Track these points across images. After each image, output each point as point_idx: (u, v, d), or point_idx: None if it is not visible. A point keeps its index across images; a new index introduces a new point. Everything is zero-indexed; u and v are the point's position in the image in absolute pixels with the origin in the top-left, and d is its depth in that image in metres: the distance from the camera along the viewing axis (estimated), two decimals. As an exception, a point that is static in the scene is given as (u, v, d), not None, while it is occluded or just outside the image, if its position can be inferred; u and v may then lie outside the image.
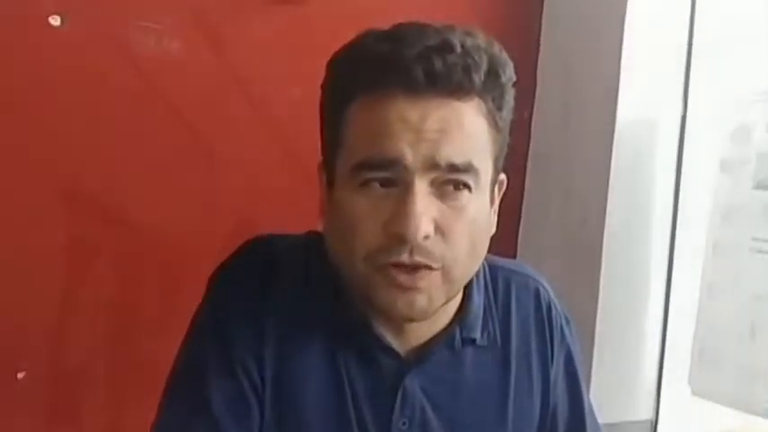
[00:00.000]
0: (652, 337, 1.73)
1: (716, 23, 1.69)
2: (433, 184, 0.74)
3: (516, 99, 0.82)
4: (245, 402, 0.79)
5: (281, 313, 0.81)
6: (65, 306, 1.26)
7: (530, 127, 1.77)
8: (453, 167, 0.74)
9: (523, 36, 1.74)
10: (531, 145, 1.78)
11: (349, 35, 0.79)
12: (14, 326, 1.23)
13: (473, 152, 0.75)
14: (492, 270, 0.90)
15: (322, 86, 0.81)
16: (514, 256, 1.80)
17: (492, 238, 0.83)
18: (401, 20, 0.77)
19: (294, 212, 0.98)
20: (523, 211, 1.82)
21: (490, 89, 0.76)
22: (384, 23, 0.78)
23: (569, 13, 1.75)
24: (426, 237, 0.73)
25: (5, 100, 1.20)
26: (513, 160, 0.83)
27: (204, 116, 1.37)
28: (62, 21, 1.21)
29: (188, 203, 1.36)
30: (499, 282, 0.90)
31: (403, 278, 0.74)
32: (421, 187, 0.73)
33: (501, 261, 0.93)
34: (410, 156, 0.72)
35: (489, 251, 0.85)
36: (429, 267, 0.75)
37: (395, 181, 0.74)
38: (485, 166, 0.77)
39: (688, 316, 1.63)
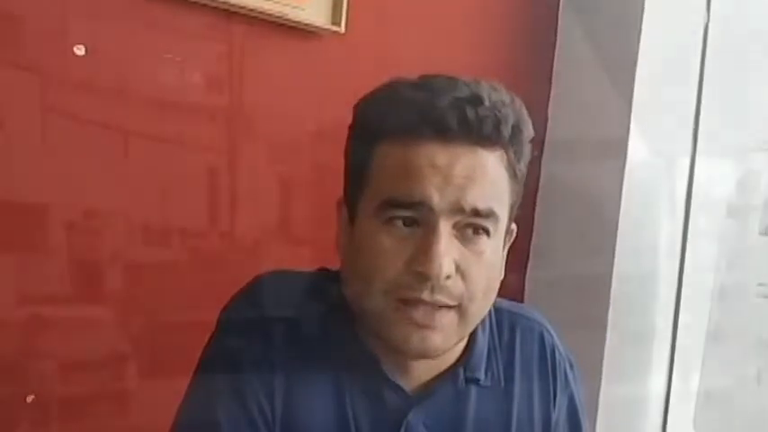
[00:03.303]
0: (658, 380, 1.72)
1: (726, 71, 1.71)
2: (455, 226, 0.76)
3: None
4: None
5: (288, 349, 0.83)
6: (74, 330, 1.27)
7: (539, 167, 1.79)
8: (476, 212, 0.76)
9: (535, 75, 1.76)
10: (540, 184, 1.80)
11: (364, 72, 0.81)
12: (24, 349, 1.24)
13: (495, 199, 0.78)
14: (498, 313, 0.92)
15: (350, 127, 0.84)
16: (521, 297, 1.81)
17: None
18: (416, 62, 0.80)
19: (308, 247, 1.00)
20: (531, 251, 1.82)
21: (514, 142, 0.79)
22: (399, 64, 0.81)
23: (581, 54, 1.77)
24: (448, 276, 0.75)
25: (29, 128, 1.22)
26: (523, 199, 0.85)
27: (223, 146, 1.40)
28: (86, 51, 1.25)
29: (201, 235, 1.38)
30: (504, 325, 0.92)
31: (419, 315, 0.76)
32: (445, 229, 0.75)
33: (507, 304, 0.95)
34: (437, 198, 0.75)
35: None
36: (447, 306, 0.77)
37: (419, 221, 0.76)
38: (503, 213, 0.80)
39: (694, 359, 1.63)
